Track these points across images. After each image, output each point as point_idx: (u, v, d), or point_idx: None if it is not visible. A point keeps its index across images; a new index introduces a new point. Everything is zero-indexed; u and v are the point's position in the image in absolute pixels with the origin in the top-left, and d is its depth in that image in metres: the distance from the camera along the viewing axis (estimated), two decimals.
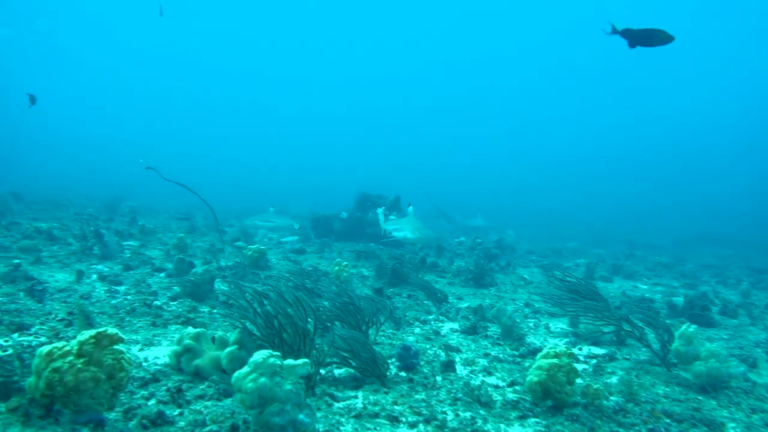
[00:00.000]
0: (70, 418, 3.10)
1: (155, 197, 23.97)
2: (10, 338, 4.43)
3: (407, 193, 16.49)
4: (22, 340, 3.34)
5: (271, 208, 13.33)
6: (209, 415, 3.58)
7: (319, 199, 25.02)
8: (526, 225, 29.46)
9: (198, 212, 19.20)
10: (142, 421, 3.33)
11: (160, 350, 4.91)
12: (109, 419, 3.30)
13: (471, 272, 10.75)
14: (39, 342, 3.40)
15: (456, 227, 23.70)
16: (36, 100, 12.86)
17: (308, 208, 18.90)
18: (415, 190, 21.44)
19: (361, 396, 4.27)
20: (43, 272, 7.76)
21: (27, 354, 3.36)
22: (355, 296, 6.08)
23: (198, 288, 6.99)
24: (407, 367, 4.94)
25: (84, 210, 16.52)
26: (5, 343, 3.97)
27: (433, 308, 8.21)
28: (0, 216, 11.84)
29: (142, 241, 11.33)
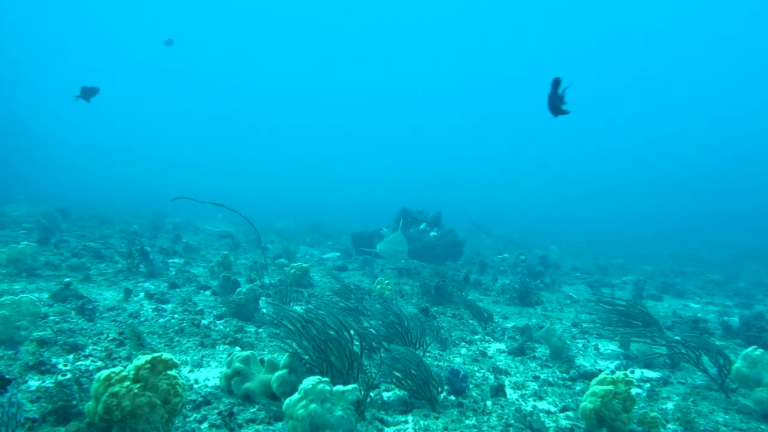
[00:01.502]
0: None
1: (197, 213, 24.38)
2: (66, 360, 4.50)
3: (447, 209, 16.42)
4: (79, 365, 3.34)
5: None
6: None
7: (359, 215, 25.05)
8: (569, 240, 28.94)
9: (239, 228, 19.45)
10: None
11: (210, 372, 4.91)
12: None
13: (516, 290, 10.56)
14: (96, 366, 3.39)
15: (496, 242, 23.42)
16: (95, 92, 12.84)
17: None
18: (453, 206, 21.26)
19: (411, 421, 4.17)
20: (92, 290, 7.90)
21: (84, 378, 3.37)
22: (403, 316, 6.02)
23: (243, 308, 7.01)
24: (456, 391, 4.82)
25: (129, 227, 16.89)
26: (64, 367, 4.02)
27: (479, 328, 8.06)
28: (49, 233, 12.16)
29: (186, 259, 11.48)
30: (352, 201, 41.25)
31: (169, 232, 16.59)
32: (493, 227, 26.50)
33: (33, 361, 4.35)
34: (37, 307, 4.87)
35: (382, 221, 16.98)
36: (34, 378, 4.12)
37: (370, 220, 18.98)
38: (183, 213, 22.19)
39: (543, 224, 37.00)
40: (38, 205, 16.92)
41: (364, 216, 23.46)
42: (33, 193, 21.07)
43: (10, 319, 4.63)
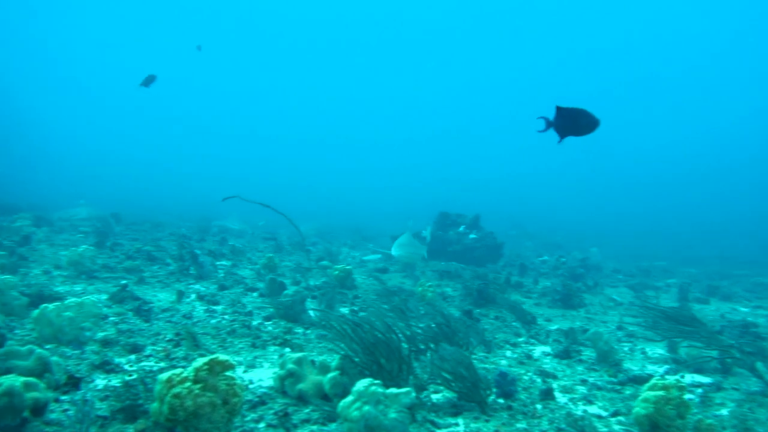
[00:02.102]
0: None
1: (240, 216, 24.86)
2: (129, 360, 4.72)
3: (484, 212, 16.38)
4: (143, 365, 3.52)
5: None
6: None
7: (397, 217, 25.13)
8: (607, 242, 28.41)
9: (282, 230, 19.78)
10: None
11: (263, 372, 5.06)
12: None
13: (558, 293, 10.50)
14: (159, 367, 3.56)
15: (534, 244, 23.23)
16: (154, 80, 13.21)
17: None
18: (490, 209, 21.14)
19: (462, 423, 4.24)
20: (147, 292, 8.18)
21: (149, 378, 3.55)
22: (450, 317, 6.09)
23: (290, 309, 7.17)
24: (505, 394, 4.86)
25: (178, 230, 17.35)
26: (130, 367, 4.23)
27: (522, 330, 8.07)
28: (104, 237, 12.62)
29: (233, 261, 11.77)
30: (389, 204, 41.35)
31: (215, 235, 17.01)
32: (530, 229, 26.28)
33: (98, 361, 4.58)
34: (99, 309, 5.11)
35: (420, 224, 17.03)
36: (100, 377, 4.34)
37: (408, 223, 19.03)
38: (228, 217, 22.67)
39: (581, 226, 36.37)
40: (97, 209, 17.53)
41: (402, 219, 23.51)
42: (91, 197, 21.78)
43: (75, 320, 4.88)
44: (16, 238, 11.04)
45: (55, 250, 10.92)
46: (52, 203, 22.59)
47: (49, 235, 12.99)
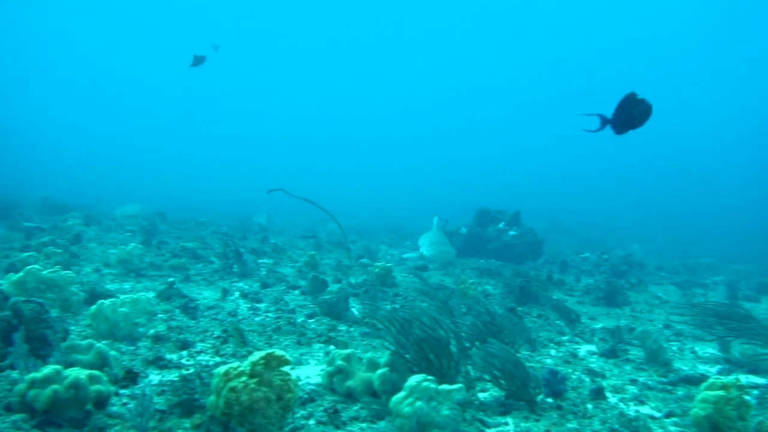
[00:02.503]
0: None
1: (279, 214, 25.13)
2: (180, 355, 4.83)
3: (523, 208, 16.21)
4: (200, 359, 3.59)
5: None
6: None
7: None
8: (647, 238, 27.76)
9: (320, 228, 19.94)
10: None
11: (310, 369, 5.12)
12: None
13: (602, 290, 10.34)
14: (215, 361, 3.63)
15: (575, 241, 22.89)
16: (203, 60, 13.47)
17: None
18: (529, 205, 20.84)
19: (511, 423, 4.21)
20: (192, 289, 8.34)
21: (205, 373, 3.62)
22: (495, 315, 6.06)
23: (334, 307, 7.23)
24: (554, 393, 4.81)
25: (220, 228, 17.66)
26: (186, 362, 4.33)
27: (566, 329, 7.97)
28: (150, 235, 12.92)
29: (275, 259, 11.92)
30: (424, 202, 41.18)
31: (256, 233, 17.24)
32: (569, 226, 25.91)
33: (152, 357, 4.70)
34: (153, 306, 5.25)
35: (459, 221, 16.95)
36: (154, 372, 4.46)
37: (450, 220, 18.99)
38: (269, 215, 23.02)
39: (619, 222, 35.68)
40: (147, 206, 17.92)
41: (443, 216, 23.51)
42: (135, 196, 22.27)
43: (129, 316, 5.02)
44: (68, 236, 11.39)
45: (104, 248, 11.23)
46: (100, 202, 23.25)
47: (98, 234, 13.37)
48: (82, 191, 27.24)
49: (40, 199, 18.94)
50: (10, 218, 13.82)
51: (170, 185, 40.83)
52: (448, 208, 27.94)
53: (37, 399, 3.06)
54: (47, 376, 3.12)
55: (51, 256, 7.93)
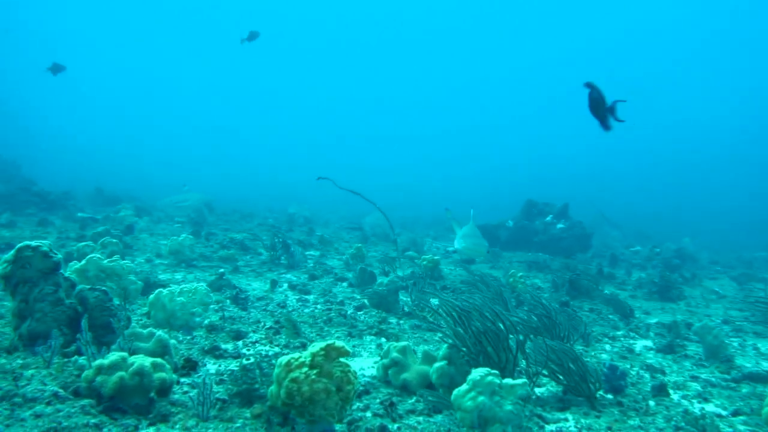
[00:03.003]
0: (306, 427, 3.28)
1: (324, 206, 25.28)
2: (235, 345, 4.86)
3: (571, 201, 15.86)
4: (260, 350, 3.58)
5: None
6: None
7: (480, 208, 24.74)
8: (696, 230, 26.82)
9: (362, 220, 19.94)
10: None
11: (363, 362, 5.09)
12: (337, 430, 3.45)
13: (655, 284, 10.05)
14: (274, 352, 3.62)
15: (624, 234, 22.33)
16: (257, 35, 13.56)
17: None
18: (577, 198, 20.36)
19: (571, 419, 4.09)
20: (242, 281, 8.42)
21: (264, 363, 3.62)
22: (551, 309, 5.93)
23: (384, 299, 7.19)
24: (614, 389, 4.66)
25: (266, 220, 17.84)
26: (247, 351, 4.35)
27: (620, 323, 7.77)
28: (199, 227, 13.14)
29: (321, 251, 11.97)
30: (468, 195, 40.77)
31: (302, 225, 17.36)
32: (617, 219, 25.20)
33: (208, 346, 4.74)
34: (210, 297, 5.29)
35: (505, 213, 16.71)
36: (211, 361, 4.49)
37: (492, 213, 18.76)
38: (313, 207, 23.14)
39: (667, 215, 34.65)
40: (204, 195, 18.21)
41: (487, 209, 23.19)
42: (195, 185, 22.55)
43: (186, 305, 5.07)
44: (121, 227, 11.66)
45: (155, 239, 11.46)
46: (148, 194, 23.74)
47: (149, 225, 13.67)
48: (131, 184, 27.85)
49: (93, 190, 19.46)
50: (65, 209, 14.23)
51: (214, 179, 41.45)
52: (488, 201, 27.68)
53: (104, 385, 3.10)
54: (113, 363, 3.16)
55: (107, 246, 8.10)
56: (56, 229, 11.26)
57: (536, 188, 28.66)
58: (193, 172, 44.98)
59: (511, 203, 17.83)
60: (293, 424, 3.35)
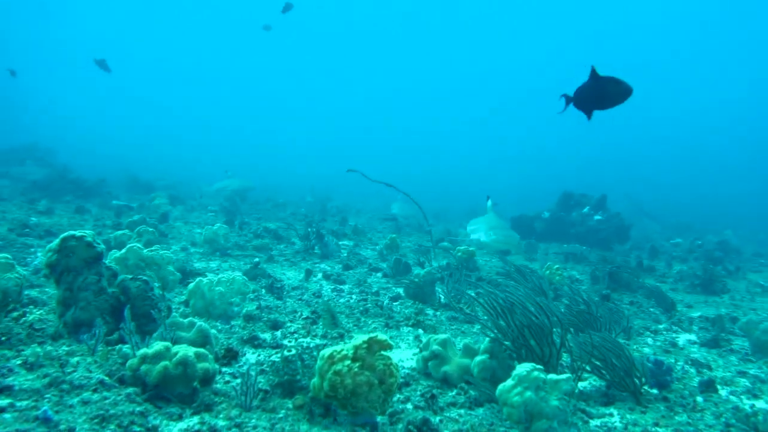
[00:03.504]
0: (348, 419, 3.25)
1: (355, 197, 25.30)
2: (273, 336, 4.84)
3: (609, 192, 15.54)
4: (302, 342, 3.55)
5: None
6: (467, 425, 3.55)
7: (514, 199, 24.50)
8: (741, 223, 26.11)
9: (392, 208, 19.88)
10: (408, 427, 3.38)
11: (401, 353, 5.03)
12: (379, 423, 3.41)
13: (698, 277, 9.78)
14: (315, 344, 3.58)
15: (663, 226, 21.84)
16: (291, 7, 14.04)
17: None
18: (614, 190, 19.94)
19: (616, 414, 3.97)
20: (276, 270, 8.43)
21: (306, 354, 3.58)
22: (591, 302, 5.80)
23: (421, 290, 7.12)
24: (660, 384, 4.52)
25: (298, 210, 17.90)
26: (288, 343, 4.33)
27: (662, 317, 7.58)
28: (232, 216, 13.22)
29: (355, 241, 11.94)
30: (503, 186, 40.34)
31: (334, 215, 17.37)
32: (655, 211, 24.68)
33: (246, 336, 4.74)
34: (248, 286, 5.29)
35: (541, 205, 16.46)
36: (250, 351, 4.49)
37: (523, 204, 18.57)
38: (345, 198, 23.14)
39: (707, 208, 33.78)
40: (246, 181, 18.28)
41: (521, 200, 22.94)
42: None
43: (225, 295, 5.08)
44: (156, 215, 11.80)
45: (189, 227, 11.58)
46: (181, 182, 24.05)
47: (183, 213, 13.81)
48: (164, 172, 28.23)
49: (128, 178, 19.76)
50: (100, 196, 14.47)
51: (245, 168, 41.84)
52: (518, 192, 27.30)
53: (148, 374, 3.10)
54: (157, 352, 3.16)
55: (143, 235, 8.18)
56: (92, 217, 11.43)
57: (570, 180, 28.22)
58: (224, 161, 45.51)
59: (543, 194, 17.56)
60: (335, 415, 3.32)
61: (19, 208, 11.58)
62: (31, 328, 3.83)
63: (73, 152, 28.46)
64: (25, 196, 13.36)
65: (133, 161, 30.47)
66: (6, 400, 2.76)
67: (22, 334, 3.75)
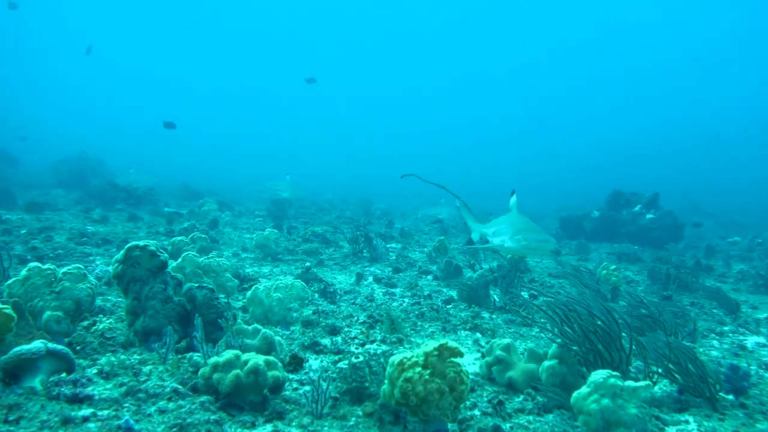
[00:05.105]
0: (419, 426, 3.20)
1: (398, 199, 25.27)
2: (333, 342, 4.84)
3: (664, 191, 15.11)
4: (369, 348, 3.52)
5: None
6: None
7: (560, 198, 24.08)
8: None
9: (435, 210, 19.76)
10: None
11: (463, 359, 4.95)
12: (449, 430, 3.35)
13: (762, 277, 9.42)
14: (382, 350, 3.55)
15: (716, 224, 21.12)
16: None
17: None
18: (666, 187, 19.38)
19: (692, 421, 3.82)
20: (326, 274, 8.45)
21: (373, 361, 3.55)
22: (652, 304, 5.63)
23: (475, 293, 7.04)
24: (736, 390, 4.33)
25: (343, 213, 17.96)
26: (356, 350, 4.32)
27: (726, 318, 7.30)
28: (280, 220, 13.34)
29: (403, 244, 11.89)
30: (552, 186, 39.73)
31: (379, 218, 17.38)
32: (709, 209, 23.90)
33: (308, 341, 4.74)
34: (306, 292, 5.29)
35: (589, 203, 16.14)
36: (312, 357, 4.49)
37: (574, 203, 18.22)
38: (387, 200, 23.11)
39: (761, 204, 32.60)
40: (300, 191, 18.31)
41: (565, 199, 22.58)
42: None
43: (284, 301, 5.09)
44: (206, 221, 11.99)
45: (239, 233, 11.72)
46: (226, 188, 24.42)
47: (232, 219, 14.00)
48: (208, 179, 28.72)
49: (180, 184, 20.13)
50: (151, 204, 14.78)
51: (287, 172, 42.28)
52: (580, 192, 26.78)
53: (221, 382, 3.12)
54: (228, 361, 3.18)
55: (196, 242, 8.32)
56: (145, 224, 11.69)
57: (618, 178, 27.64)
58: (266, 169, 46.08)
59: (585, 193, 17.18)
60: (405, 422, 3.28)
61: (75, 217, 11.93)
62: (103, 337, 3.92)
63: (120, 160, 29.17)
64: (81, 205, 13.76)
65: (178, 171, 31.11)
66: (88, 409, 2.81)
67: (94, 342, 3.84)
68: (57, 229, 9.91)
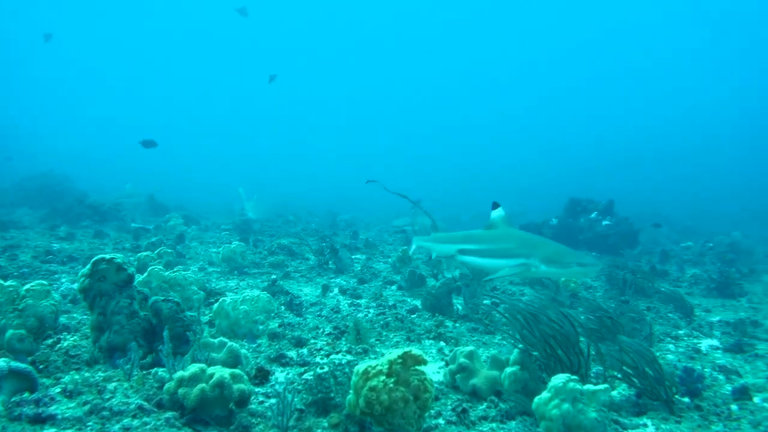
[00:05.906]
0: None
1: (363, 210, 25.35)
2: (299, 354, 4.87)
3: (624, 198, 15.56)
4: (334, 358, 3.58)
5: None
6: None
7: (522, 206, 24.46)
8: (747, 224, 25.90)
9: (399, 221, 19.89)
10: None
11: (426, 368, 5.03)
12: None
13: (713, 281, 9.77)
14: (347, 360, 3.61)
15: (672, 230, 21.75)
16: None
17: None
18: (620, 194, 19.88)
19: (650, 424, 3.97)
20: (293, 286, 8.47)
21: (338, 371, 3.61)
22: (610, 309, 5.81)
23: (438, 301, 7.14)
24: (691, 392, 4.51)
25: (308, 225, 17.93)
26: (321, 360, 4.36)
27: (681, 322, 7.56)
28: (246, 233, 13.28)
29: (367, 254, 11.96)
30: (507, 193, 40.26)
31: (344, 228, 17.41)
32: (663, 213, 24.59)
33: (273, 354, 4.77)
34: (272, 304, 5.33)
35: (549, 212, 16.48)
36: (278, 369, 4.52)
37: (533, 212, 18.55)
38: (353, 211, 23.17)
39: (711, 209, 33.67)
40: (266, 213, 18.12)
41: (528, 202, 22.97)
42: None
43: (250, 314, 5.12)
44: (172, 236, 11.87)
45: (205, 247, 11.64)
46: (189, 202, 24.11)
47: (198, 233, 13.86)
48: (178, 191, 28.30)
49: (146, 199, 19.82)
50: (117, 220, 14.56)
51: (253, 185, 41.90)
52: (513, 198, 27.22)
53: (186, 397, 3.13)
54: (194, 375, 3.19)
55: (163, 256, 8.25)
56: (112, 240, 11.54)
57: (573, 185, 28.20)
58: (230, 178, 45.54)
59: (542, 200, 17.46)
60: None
61: (41, 235, 11.70)
62: (67, 355, 3.89)
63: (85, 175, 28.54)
64: (47, 223, 13.50)
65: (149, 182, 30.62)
66: (51, 429, 2.81)
67: (58, 361, 3.80)
68: (22, 247, 9.71)
